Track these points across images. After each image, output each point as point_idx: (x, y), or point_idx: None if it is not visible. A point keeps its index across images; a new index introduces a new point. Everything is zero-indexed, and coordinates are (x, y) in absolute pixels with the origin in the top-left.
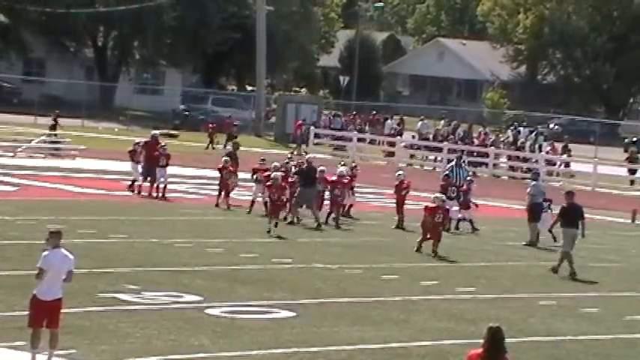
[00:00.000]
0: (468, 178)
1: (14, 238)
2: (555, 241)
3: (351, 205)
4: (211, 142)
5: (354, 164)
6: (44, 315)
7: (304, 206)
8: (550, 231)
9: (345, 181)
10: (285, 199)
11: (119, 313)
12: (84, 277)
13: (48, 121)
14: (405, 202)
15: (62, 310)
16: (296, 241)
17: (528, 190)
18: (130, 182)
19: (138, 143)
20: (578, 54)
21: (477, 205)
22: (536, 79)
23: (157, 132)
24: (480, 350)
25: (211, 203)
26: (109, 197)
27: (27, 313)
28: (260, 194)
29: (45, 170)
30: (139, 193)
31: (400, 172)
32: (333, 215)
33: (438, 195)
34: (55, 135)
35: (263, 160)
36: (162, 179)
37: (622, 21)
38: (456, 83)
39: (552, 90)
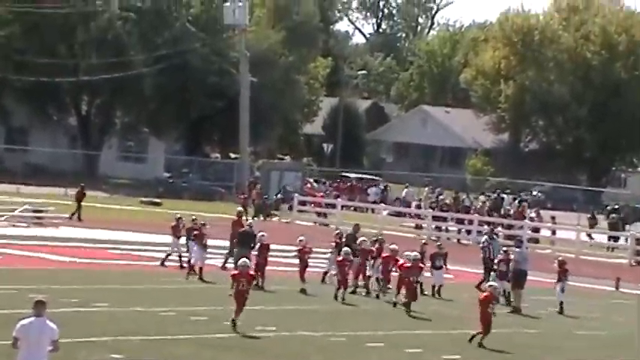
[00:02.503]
0: (504, 249)
1: None
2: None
3: (440, 286)
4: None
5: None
6: None
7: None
8: None
9: (422, 265)
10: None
11: None
12: (66, 346)
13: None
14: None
15: None
16: (280, 308)
17: (512, 256)
18: (165, 257)
19: (180, 218)
20: (560, 122)
21: None
22: (519, 146)
23: (241, 208)
24: None
25: (194, 272)
26: (92, 266)
27: None
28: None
29: (28, 239)
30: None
31: (338, 230)
32: (402, 297)
33: (491, 282)
34: (79, 208)
35: (195, 219)
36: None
37: (603, 88)
38: (440, 150)
39: (535, 157)
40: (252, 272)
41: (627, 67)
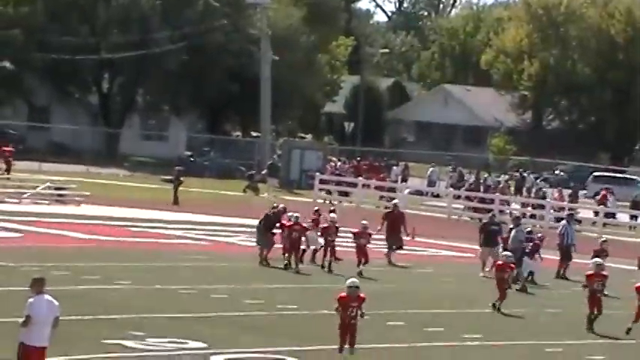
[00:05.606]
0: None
1: (18, 284)
2: None
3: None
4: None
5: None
6: None
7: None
8: None
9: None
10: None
11: None
12: (88, 323)
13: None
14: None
15: (58, 357)
16: (302, 286)
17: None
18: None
19: (318, 210)
20: (584, 102)
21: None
22: (542, 125)
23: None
24: None
25: (216, 250)
26: (114, 244)
27: None
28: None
29: (49, 217)
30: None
31: (364, 221)
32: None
33: None
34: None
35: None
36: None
37: (628, 67)
38: (461, 129)
39: (558, 136)
40: (362, 295)
41: None
